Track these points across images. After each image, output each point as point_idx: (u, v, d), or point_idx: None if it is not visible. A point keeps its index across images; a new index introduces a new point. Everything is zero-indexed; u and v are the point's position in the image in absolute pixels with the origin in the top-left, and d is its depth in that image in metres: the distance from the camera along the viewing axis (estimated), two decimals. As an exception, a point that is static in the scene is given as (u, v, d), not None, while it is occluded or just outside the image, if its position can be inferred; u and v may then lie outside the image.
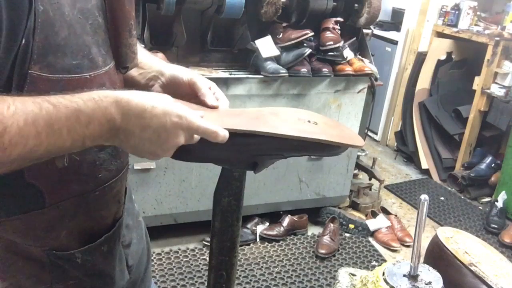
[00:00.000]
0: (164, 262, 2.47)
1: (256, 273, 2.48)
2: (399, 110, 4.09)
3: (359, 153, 3.29)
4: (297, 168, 2.76)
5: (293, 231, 2.81)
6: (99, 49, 0.74)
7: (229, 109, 0.88)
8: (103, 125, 0.65)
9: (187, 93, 0.89)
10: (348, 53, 2.71)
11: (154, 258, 2.48)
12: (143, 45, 1.03)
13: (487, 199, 3.46)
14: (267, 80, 2.49)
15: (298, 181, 2.82)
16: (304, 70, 2.51)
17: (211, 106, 0.86)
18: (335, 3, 2.62)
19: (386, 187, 3.49)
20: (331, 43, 2.58)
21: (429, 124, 3.83)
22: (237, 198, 0.88)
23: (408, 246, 2.82)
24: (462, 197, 3.50)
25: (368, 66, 2.70)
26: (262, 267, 2.52)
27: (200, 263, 2.49)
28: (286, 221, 2.78)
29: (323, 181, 2.89)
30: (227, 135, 0.72)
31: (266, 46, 2.48)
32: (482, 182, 3.48)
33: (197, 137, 0.73)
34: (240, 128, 0.76)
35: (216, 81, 0.94)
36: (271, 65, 2.46)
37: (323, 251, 2.63)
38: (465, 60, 3.92)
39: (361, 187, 3.18)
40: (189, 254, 2.56)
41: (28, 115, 0.60)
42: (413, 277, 0.85)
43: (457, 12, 3.68)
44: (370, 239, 2.88)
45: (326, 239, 2.69)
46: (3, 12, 0.60)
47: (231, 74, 2.47)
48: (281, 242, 2.73)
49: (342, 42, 2.64)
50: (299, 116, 0.86)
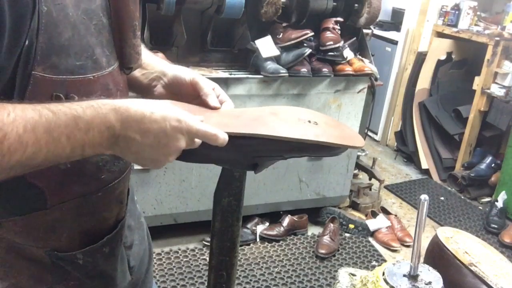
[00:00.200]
0: (164, 262, 2.47)
1: (256, 273, 2.48)
2: (399, 110, 4.09)
3: (359, 153, 3.29)
4: (297, 168, 2.76)
5: (293, 231, 2.81)
6: (103, 49, 0.74)
7: (229, 110, 0.88)
8: (102, 132, 0.65)
9: (189, 93, 0.89)
10: (348, 53, 2.71)
11: (154, 258, 2.48)
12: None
13: (487, 199, 3.46)
14: (267, 80, 2.49)
15: (298, 181, 2.82)
16: (304, 70, 2.51)
17: (212, 107, 0.86)
18: (335, 3, 2.62)
19: (386, 187, 3.49)
20: (331, 43, 2.58)
21: (429, 124, 3.83)
22: (237, 198, 0.88)
23: (408, 246, 2.82)
24: (462, 197, 3.50)
25: (368, 66, 2.70)
26: (262, 267, 2.52)
27: (200, 263, 2.49)
28: (286, 221, 2.78)
29: (323, 181, 2.89)
30: (226, 138, 0.72)
31: (266, 46, 2.48)
32: (482, 182, 3.48)
33: (198, 141, 0.72)
34: (240, 131, 0.76)
35: (216, 81, 0.94)
36: (271, 65, 2.46)
37: (323, 251, 2.63)
38: (465, 60, 3.92)
39: (361, 187, 3.18)
40: (189, 254, 2.56)
41: (27, 122, 0.60)
42: (413, 277, 0.85)
43: (457, 12, 3.68)
44: (370, 239, 2.88)
45: (326, 239, 2.69)
46: (6, 13, 0.59)
47: (231, 74, 2.47)
48: (281, 242, 2.73)
49: (342, 42, 2.64)
50: (299, 116, 0.85)
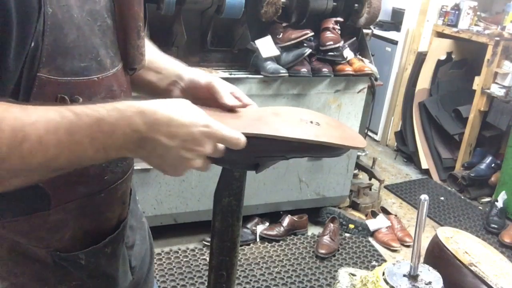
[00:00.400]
0: (164, 262, 2.47)
1: (256, 273, 2.48)
2: (399, 110, 4.09)
3: (359, 153, 3.29)
4: (297, 168, 2.76)
5: (293, 231, 2.81)
6: (107, 51, 0.74)
7: (231, 112, 0.88)
8: (127, 135, 0.64)
9: (205, 96, 0.88)
10: (348, 53, 2.71)
11: (154, 258, 2.48)
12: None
13: (487, 199, 3.46)
14: (267, 80, 2.49)
15: (298, 181, 2.82)
16: (304, 70, 2.51)
17: (231, 106, 0.85)
18: (335, 3, 2.62)
19: (386, 187, 3.49)
20: (331, 43, 2.58)
21: (429, 124, 3.83)
22: (237, 198, 0.87)
23: (408, 246, 2.82)
24: (462, 197, 3.50)
25: (368, 66, 2.70)
26: (262, 267, 2.52)
27: (200, 263, 2.49)
28: (286, 221, 2.78)
29: (323, 181, 2.89)
30: (245, 140, 0.71)
31: (266, 46, 2.48)
32: (482, 182, 3.48)
33: (222, 146, 0.71)
34: (243, 131, 0.76)
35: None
36: (271, 65, 2.46)
37: (323, 251, 2.63)
38: (465, 60, 3.92)
39: (361, 187, 3.18)
40: (189, 254, 2.56)
41: (49, 123, 0.59)
42: (413, 277, 0.85)
43: (457, 12, 3.68)
44: (370, 239, 2.88)
45: (326, 239, 2.69)
46: (13, 16, 0.59)
47: (231, 74, 2.47)
48: (281, 242, 2.73)
49: (342, 42, 2.64)
50: (301, 116, 0.85)
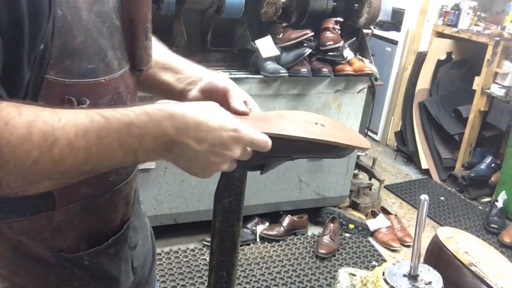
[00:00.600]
0: (164, 262, 2.47)
1: (256, 273, 2.48)
2: (399, 110, 4.09)
3: (359, 153, 3.29)
4: (297, 168, 2.76)
5: (293, 231, 2.81)
6: (114, 52, 0.74)
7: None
8: (157, 138, 0.64)
9: (220, 100, 0.86)
10: (348, 53, 2.71)
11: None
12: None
13: (487, 199, 3.46)
14: (267, 80, 2.49)
15: (298, 181, 2.82)
16: (304, 70, 2.51)
17: (240, 112, 0.84)
18: (335, 3, 2.62)
19: (386, 187, 3.49)
20: (331, 43, 2.58)
21: (429, 124, 3.84)
22: (237, 198, 0.87)
23: (408, 246, 2.82)
24: (462, 197, 3.51)
25: (368, 66, 2.70)
26: (262, 267, 2.52)
27: (200, 263, 2.49)
28: (286, 221, 2.78)
29: (323, 181, 2.89)
30: (270, 142, 0.71)
31: (266, 46, 2.48)
32: (482, 182, 3.48)
33: (250, 150, 0.71)
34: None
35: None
36: (271, 65, 2.46)
37: (323, 251, 2.63)
38: (465, 60, 3.92)
39: (361, 187, 3.18)
40: (189, 254, 2.56)
41: (79, 127, 0.60)
42: (413, 277, 0.85)
43: (457, 12, 3.68)
44: (370, 239, 2.88)
45: (326, 239, 2.69)
46: (26, 19, 0.59)
47: (231, 74, 2.47)
48: (281, 242, 2.73)
49: (342, 42, 2.64)
50: (305, 118, 0.86)
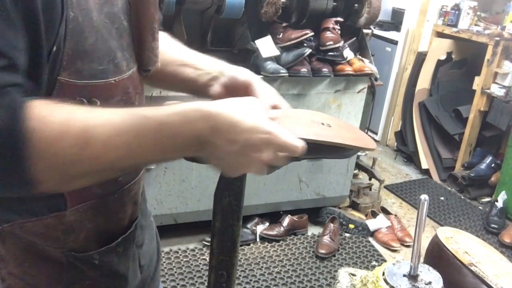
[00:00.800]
0: (164, 262, 2.47)
1: (256, 273, 2.48)
2: (399, 110, 4.09)
3: (359, 153, 3.29)
4: (297, 168, 2.76)
5: (293, 231, 2.81)
6: (123, 53, 0.74)
7: None
8: (189, 139, 0.65)
9: (242, 95, 0.86)
10: (348, 53, 2.71)
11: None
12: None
13: (487, 199, 3.46)
14: (267, 80, 2.45)
15: (298, 181, 2.82)
16: (304, 70, 2.51)
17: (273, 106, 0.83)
18: (335, 3, 2.62)
19: (386, 187, 3.49)
20: (331, 43, 2.58)
21: (429, 124, 3.83)
22: (237, 198, 0.87)
23: (408, 246, 2.82)
24: (462, 197, 3.51)
25: (368, 66, 2.70)
26: (262, 267, 2.52)
27: (200, 263, 2.49)
28: (286, 221, 2.78)
29: (323, 181, 2.89)
30: (304, 146, 0.70)
31: (266, 46, 2.48)
32: (482, 182, 3.48)
33: (283, 155, 0.70)
34: None
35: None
36: (271, 65, 2.46)
37: (323, 251, 2.63)
38: (465, 60, 3.92)
39: (361, 187, 3.18)
40: (189, 254, 2.56)
41: (114, 126, 0.61)
42: (413, 277, 0.85)
43: (457, 12, 3.68)
44: (370, 239, 2.88)
45: (326, 239, 2.69)
46: (42, 22, 0.60)
47: (231, 74, 2.47)
48: (281, 242, 2.73)
49: (342, 42, 2.65)
50: (311, 118, 0.85)
